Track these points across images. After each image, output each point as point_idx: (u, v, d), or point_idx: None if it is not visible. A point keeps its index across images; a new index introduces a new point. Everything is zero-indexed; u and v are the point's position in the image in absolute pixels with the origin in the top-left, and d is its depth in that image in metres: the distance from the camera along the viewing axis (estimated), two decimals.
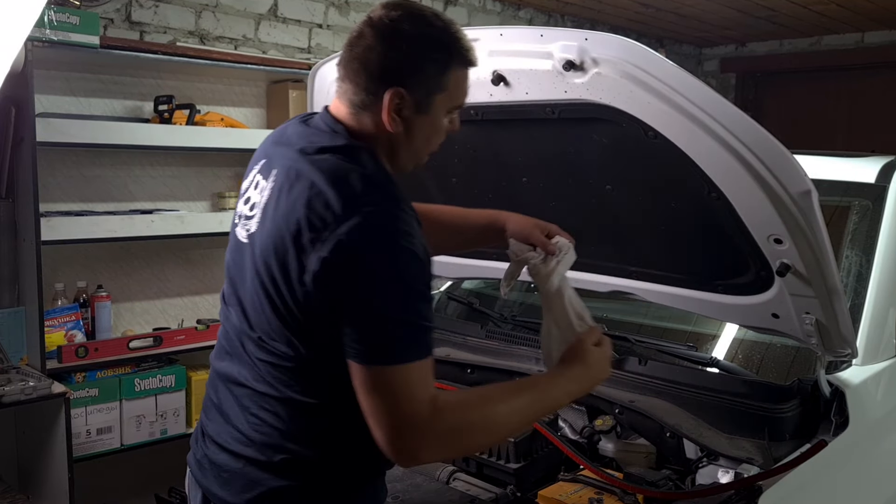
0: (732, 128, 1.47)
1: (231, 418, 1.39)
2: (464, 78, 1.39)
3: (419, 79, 1.33)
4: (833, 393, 1.78)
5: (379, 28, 1.34)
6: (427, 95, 1.34)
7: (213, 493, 1.40)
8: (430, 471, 1.84)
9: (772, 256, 1.65)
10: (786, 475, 1.59)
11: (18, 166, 2.81)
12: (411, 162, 1.43)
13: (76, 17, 2.76)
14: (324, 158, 1.31)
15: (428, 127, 1.38)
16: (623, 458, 1.83)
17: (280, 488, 1.33)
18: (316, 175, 1.28)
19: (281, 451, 1.33)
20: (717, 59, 6.82)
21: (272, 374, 1.33)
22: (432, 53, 1.33)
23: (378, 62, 1.32)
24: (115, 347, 2.98)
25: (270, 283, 1.29)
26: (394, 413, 1.22)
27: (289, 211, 1.28)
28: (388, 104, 1.32)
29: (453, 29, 1.36)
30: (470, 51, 1.37)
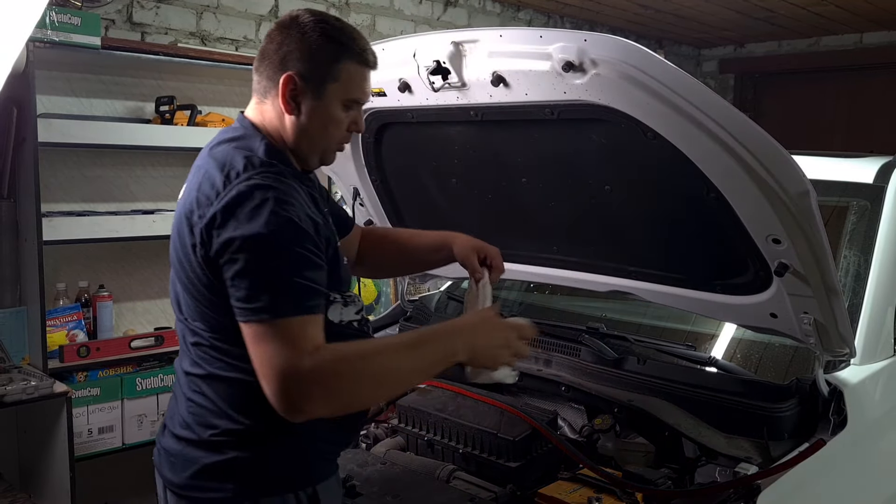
0: (731, 128, 1.48)
1: (178, 405, 1.49)
2: (357, 73, 1.48)
3: (311, 65, 1.43)
4: (831, 392, 1.79)
5: (281, 24, 1.49)
6: (320, 83, 1.44)
7: (166, 477, 1.48)
8: (431, 469, 1.85)
9: (770, 256, 1.66)
10: (784, 474, 1.60)
11: (20, 167, 2.82)
12: (312, 151, 1.50)
13: (77, 18, 2.77)
14: (220, 149, 1.44)
15: (322, 114, 1.46)
16: (622, 456, 1.84)
17: (212, 464, 1.40)
18: (209, 163, 1.42)
19: (210, 428, 1.41)
20: (716, 60, 6.83)
21: (198, 353, 1.44)
22: (324, 43, 1.44)
23: (276, 51, 1.46)
24: (117, 347, 2.98)
25: (180, 267, 1.42)
26: (274, 365, 1.25)
27: (185, 198, 1.42)
28: (283, 88, 1.43)
29: (350, 30, 1.49)
30: (365, 50, 1.48)
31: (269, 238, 1.29)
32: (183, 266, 1.40)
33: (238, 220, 1.30)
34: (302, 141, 1.48)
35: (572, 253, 2.08)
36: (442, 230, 1.90)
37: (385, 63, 1.88)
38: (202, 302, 1.39)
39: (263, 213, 1.30)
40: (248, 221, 1.30)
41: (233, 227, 1.30)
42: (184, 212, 1.40)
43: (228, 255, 1.31)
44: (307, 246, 1.33)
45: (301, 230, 1.32)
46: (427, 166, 2.17)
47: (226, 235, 1.30)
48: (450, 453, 1.92)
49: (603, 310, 2.47)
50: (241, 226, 1.30)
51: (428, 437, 1.96)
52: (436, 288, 2.89)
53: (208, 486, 1.41)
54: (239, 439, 1.40)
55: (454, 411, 1.95)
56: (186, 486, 1.43)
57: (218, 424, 1.41)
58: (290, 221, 1.31)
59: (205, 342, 1.42)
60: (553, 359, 2.13)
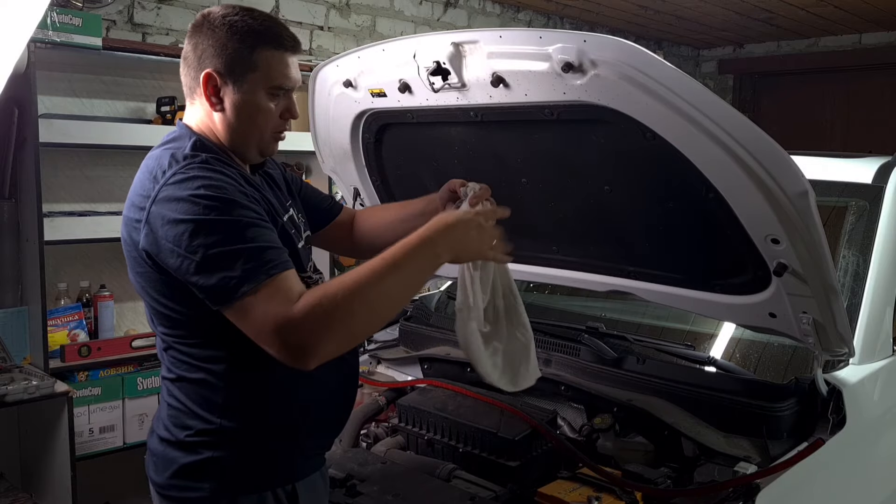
0: (730, 129, 1.48)
1: (160, 408, 1.53)
2: (276, 59, 1.46)
3: (226, 59, 1.43)
4: (830, 392, 1.79)
5: (194, 24, 1.49)
6: (239, 75, 1.44)
7: (150, 477, 1.51)
8: (430, 468, 1.85)
9: (769, 256, 1.66)
10: (783, 473, 1.60)
11: (21, 167, 2.82)
12: (247, 144, 1.49)
13: (79, 18, 2.77)
14: (152, 154, 1.47)
15: (247, 106, 1.45)
16: (622, 456, 1.84)
17: (189, 464, 1.42)
18: (142, 169, 1.44)
19: (185, 429, 1.43)
20: (715, 61, 6.84)
21: (167, 358, 1.47)
22: (236, 35, 1.43)
23: (192, 52, 1.47)
24: (118, 347, 2.99)
25: (135, 275, 1.43)
26: (266, 327, 1.25)
27: (126, 205, 1.43)
28: (204, 86, 1.44)
29: (263, 16, 1.48)
30: (279, 34, 1.46)
31: (208, 218, 1.29)
32: (136, 273, 1.42)
33: (174, 215, 1.30)
34: (233, 135, 1.48)
35: (572, 253, 2.08)
36: None
37: (385, 64, 1.89)
38: (158, 305, 1.41)
39: (194, 199, 1.30)
40: (184, 213, 1.29)
41: (170, 223, 1.30)
42: (124, 220, 1.42)
43: (175, 251, 1.29)
44: (244, 213, 1.32)
45: (233, 201, 1.32)
46: (427, 167, 2.17)
47: (166, 232, 1.30)
48: (450, 452, 1.92)
49: (602, 309, 2.47)
50: (179, 218, 1.29)
51: (428, 436, 1.97)
52: (436, 288, 2.89)
53: (186, 486, 1.43)
54: (214, 439, 1.42)
55: (454, 411, 1.95)
56: (167, 486, 1.45)
57: (191, 425, 1.43)
58: (219, 197, 1.31)
59: (170, 346, 1.45)
60: (553, 358, 2.13)
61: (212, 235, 1.28)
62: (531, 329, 1.72)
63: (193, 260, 1.28)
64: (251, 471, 1.43)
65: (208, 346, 1.42)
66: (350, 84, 2.00)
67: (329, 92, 2.08)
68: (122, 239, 1.44)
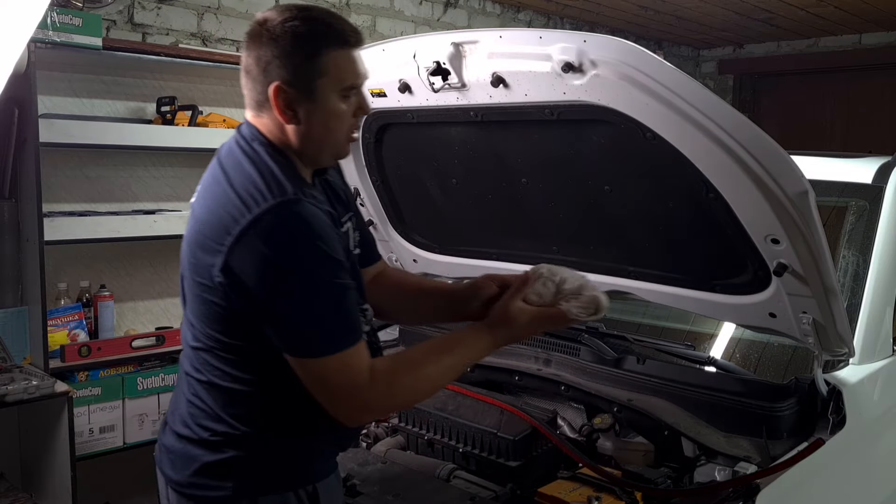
0: (730, 129, 1.48)
1: (178, 403, 1.50)
2: (343, 58, 1.40)
3: (293, 69, 1.37)
4: (830, 392, 1.79)
5: (251, 34, 1.42)
6: (308, 83, 1.38)
7: (166, 473, 1.49)
8: (430, 468, 1.85)
9: (769, 256, 1.66)
10: (783, 473, 1.60)
11: (22, 167, 2.82)
12: (323, 151, 1.46)
13: (79, 18, 2.77)
14: (233, 163, 1.40)
15: (321, 113, 1.41)
16: (622, 456, 1.84)
17: (212, 463, 1.41)
18: (224, 179, 1.39)
19: (207, 430, 1.42)
20: (715, 61, 6.84)
21: (198, 358, 1.43)
22: (300, 41, 1.37)
23: (255, 63, 1.40)
24: (118, 347, 2.99)
25: (196, 280, 1.39)
26: (337, 398, 1.35)
27: (204, 212, 1.39)
28: (275, 100, 1.38)
29: (321, 15, 1.42)
30: (343, 31, 1.40)
31: (311, 274, 1.29)
32: (196, 279, 1.38)
33: (272, 257, 1.28)
34: (310, 146, 1.43)
35: (572, 253, 2.08)
36: (442, 231, 1.90)
37: (385, 64, 1.89)
38: (213, 317, 1.38)
39: (297, 246, 1.29)
40: (284, 254, 1.28)
41: (265, 264, 1.28)
42: (200, 227, 1.38)
43: (263, 293, 1.29)
44: (341, 274, 1.33)
45: (336, 261, 1.32)
46: (427, 167, 2.17)
47: (259, 272, 1.29)
48: (450, 452, 1.92)
49: None
50: (275, 263, 1.28)
51: (428, 436, 1.97)
52: None
53: (208, 485, 1.42)
54: (237, 440, 1.41)
55: (454, 410, 1.95)
56: (187, 484, 1.43)
57: (214, 428, 1.42)
58: (326, 254, 1.30)
59: (205, 349, 1.42)
60: (553, 358, 2.13)
61: (306, 289, 1.30)
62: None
63: (281, 308, 1.30)
64: (274, 471, 1.42)
65: (247, 368, 1.40)
66: None
67: None
68: (192, 239, 1.40)
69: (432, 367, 1.44)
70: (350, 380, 1.33)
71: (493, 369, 2.16)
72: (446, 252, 2.37)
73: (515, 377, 2.12)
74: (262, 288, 1.30)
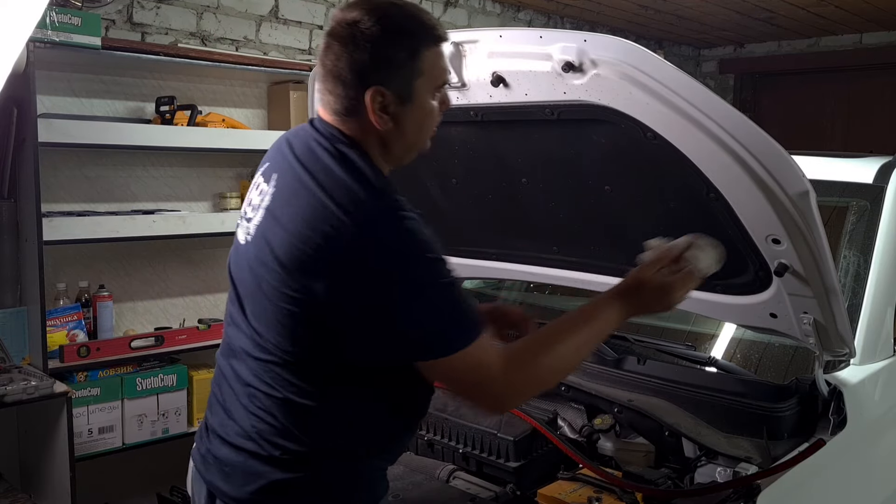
0: (731, 129, 1.48)
1: (233, 414, 1.41)
2: (438, 56, 1.38)
3: (392, 71, 1.33)
4: (831, 392, 1.79)
5: (340, 35, 1.33)
6: (406, 85, 1.34)
7: (217, 486, 1.41)
8: (431, 469, 1.85)
9: (770, 256, 1.66)
10: (784, 474, 1.60)
11: (20, 167, 2.82)
12: (411, 151, 1.44)
13: (78, 18, 2.77)
14: (321, 168, 1.33)
15: (417, 114, 1.38)
16: (622, 456, 1.84)
17: (281, 481, 1.34)
18: (313, 184, 1.31)
19: (278, 448, 1.34)
20: (716, 61, 6.83)
21: (267, 372, 1.35)
22: (397, 42, 1.32)
23: (348, 68, 1.32)
24: (117, 347, 2.99)
25: (282, 292, 1.30)
26: (472, 384, 1.34)
27: (298, 223, 1.29)
28: (371, 105, 1.32)
29: (413, 11, 1.36)
30: (435, 28, 1.37)
31: (428, 276, 1.27)
32: (283, 290, 1.29)
33: (388, 262, 1.25)
34: (399, 147, 1.39)
35: (572, 253, 2.08)
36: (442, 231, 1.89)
37: None
38: (299, 332, 1.31)
39: (410, 252, 1.26)
40: (400, 262, 1.25)
41: (382, 270, 1.24)
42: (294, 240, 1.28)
43: (384, 298, 1.25)
44: (448, 272, 1.30)
45: (442, 259, 1.30)
46: (427, 166, 2.17)
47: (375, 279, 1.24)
48: (450, 453, 1.92)
49: None
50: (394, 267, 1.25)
51: (428, 436, 1.96)
52: None
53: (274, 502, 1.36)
54: (308, 459, 1.35)
55: (454, 411, 1.95)
56: (247, 501, 1.36)
57: (286, 445, 1.34)
58: (435, 254, 1.28)
59: (280, 363, 1.34)
60: None
61: (426, 293, 1.27)
62: None
63: (405, 315, 1.26)
64: (342, 490, 1.38)
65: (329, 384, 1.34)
66: None
67: None
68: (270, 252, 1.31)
69: (566, 346, 1.41)
70: (484, 371, 1.31)
71: None
72: (446, 252, 2.35)
73: None
74: (382, 299, 1.25)
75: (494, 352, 1.33)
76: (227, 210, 3.39)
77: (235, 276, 1.45)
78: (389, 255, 1.25)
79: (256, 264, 1.35)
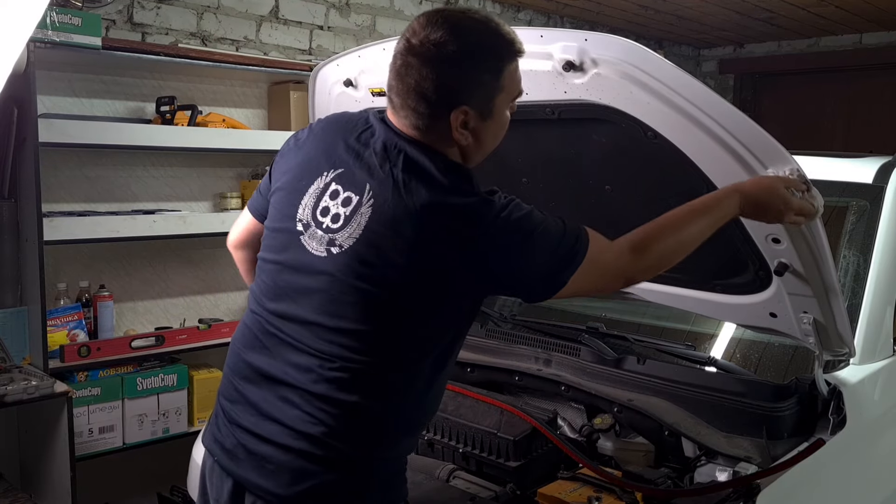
0: (731, 128, 1.48)
1: (272, 413, 1.40)
2: (516, 69, 1.43)
3: (479, 92, 1.37)
4: (831, 392, 1.79)
5: (426, 56, 1.36)
6: (489, 103, 1.39)
7: (253, 482, 1.40)
8: (431, 469, 1.85)
9: (770, 256, 1.66)
10: (784, 473, 1.60)
11: (21, 167, 2.82)
12: (481, 157, 1.49)
13: (78, 18, 2.77)
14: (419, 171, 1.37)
15: (495, 128, 1.44)
16: (622, 456, 1.84)
17: (332, 481, 1.36)
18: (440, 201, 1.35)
19: (331, 449, 1.36)
20: (716, 61, 6.83)
21: (355, 380, 1.37)
22: (485, 64, 1.37)
23: (435, 89, 1.36)
24: (118, 347, 2.99)
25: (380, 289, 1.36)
26: (608, 278, 1.45)
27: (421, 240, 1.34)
28: (455, 124, 1.37)
29: (495, 28, 1.39)
30: (514, 42, 1.40)
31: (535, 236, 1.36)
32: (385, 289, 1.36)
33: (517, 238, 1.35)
34: (474, 157, 1.45)
35: None
36: None
37: (386, 63, 1.87)
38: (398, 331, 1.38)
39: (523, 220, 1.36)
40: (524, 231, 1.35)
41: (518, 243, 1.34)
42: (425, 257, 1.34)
43: (519, 269, 1.35)
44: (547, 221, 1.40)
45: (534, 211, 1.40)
46: None
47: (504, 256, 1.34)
48: (450, 453, 1.92)
49: (603, 309, 2.47)
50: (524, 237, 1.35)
51: (428, 436, 1.96)
52: None
53: (324, 502, 1.38)
54: (358, 462, 1.39)
55: (454, 411, 1.95)
56: (295, 500, 1.37)
57: (340, 448, 1.37)
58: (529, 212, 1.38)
59: (357, 367, 1.37)
60: (553, 358, 2.13)
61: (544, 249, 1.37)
62: None
63: (535, 262, 1.36)
64: (386, 490, 1.42)
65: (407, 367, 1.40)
66: (351, 83, 2.00)
67: (329, 91, 2.08)
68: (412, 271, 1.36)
69: (686, 231, 1.45)
70: (611, 257, 1.41)
71: (494, 369, 2.16)
72: None
73: (516, 377, 2.11)
74: (515, 265, 1.35)
75: (614, 247, 1.42)
76: (228, 210, 3.39)
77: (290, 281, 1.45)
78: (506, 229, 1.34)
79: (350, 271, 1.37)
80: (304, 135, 1.58)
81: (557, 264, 1.37)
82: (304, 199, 1.46)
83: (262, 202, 1.62)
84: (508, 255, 1.35)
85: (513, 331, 2.33)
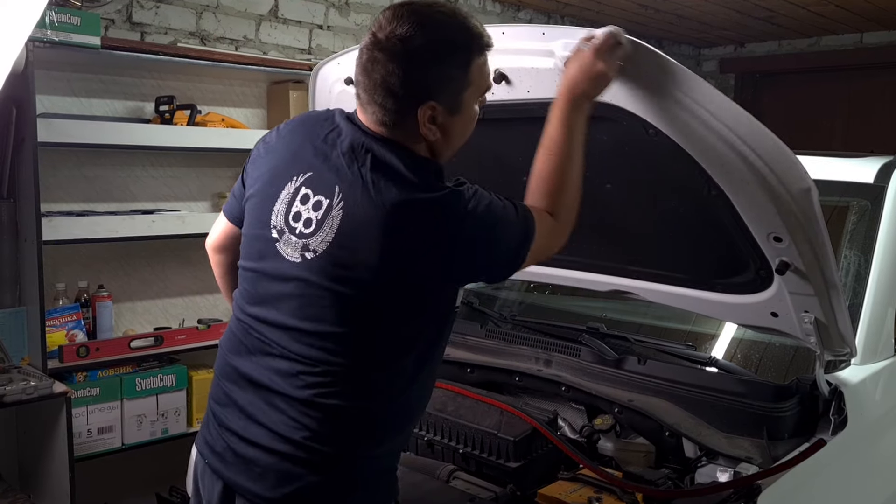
0: (732, 125, 1.47)
1: (258, 417, 1.41)
2: (484, 63, 1.42)
3: (446, 86, 1.37)
4: (832, 392, 1.78)
5: (392, 51, 1.34)
6: (456, 97, 1.38)
7: (241, 485, 1.41)
8: (431, 469, 1.84)
9: (771, 255, 1.65)
10: (784, 474, 1.60)
11: (20, 167, 2.81)
12: (451, 153, 1.49)
13: (77, 17, 2.76)
14: (409, 182, 1.36)
15: (464, 123, 1.44)
16: (622, 457, 1.84)
17: (318, 483, 1.36)
18: (409, 199, 1.35)
19: (315, 452, 1.37)
20: (716, 60, 6.83)
21: (339, 384, 1.37)
22: (452, 59, 1.36)
23: (402, 85, 1.34)
24: (116, 347, 2.98)
25: (357, 293, 1.35)
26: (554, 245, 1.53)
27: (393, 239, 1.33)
28: (423, 119, 1.36)
29: (462, 21, 1.38)
30: (482, 36, 1.40)
31: (495, 229, 1.40)
32: (361, 290, 1.35)
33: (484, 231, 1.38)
34: (443, 152, 1.45)
35: (572, 252, 2.07)
36: None
37: None
38: (376, 332, 1.38)
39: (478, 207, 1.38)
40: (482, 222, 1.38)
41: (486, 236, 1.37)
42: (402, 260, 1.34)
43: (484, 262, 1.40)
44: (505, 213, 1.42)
45: (500, 205, 1.43)
46: None
47: (472, 250, 1.36)
48: (450, 453, 1.91)
49: (603, 310, 2.47)
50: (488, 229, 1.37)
51: (428, 437, 1.96)
52: None
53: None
54: (346, 463, 1.39)
55: (454, 411, 1.94)
56: (282, 502, 1.37)
57: (324, 450, 1.37)
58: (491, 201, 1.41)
59: (338, 370, 1.37)
60: (553, 359, 2.13)
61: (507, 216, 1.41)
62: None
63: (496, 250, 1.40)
64: (375, 491, 1.42)
65: (389, 366, 1.40)
66: (351, 82, 1.97)
67: (330, 90, 2.07)
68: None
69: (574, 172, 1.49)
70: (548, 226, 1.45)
71: (494, 370, 2.15)
72: None
73: (516, 378, 2.11)
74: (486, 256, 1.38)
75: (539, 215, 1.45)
76: None
77: (270, 287, 1.44)
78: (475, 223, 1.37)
79: (325, 275, 1.36)
80: (272, 138, 1.56)
81: (518, 247, 1.42)
82: (276, 205, 1.45)
83: (236, 206, 1.60)
84: (478, 247, 1.37)
85: (513, 331, 2.33)
